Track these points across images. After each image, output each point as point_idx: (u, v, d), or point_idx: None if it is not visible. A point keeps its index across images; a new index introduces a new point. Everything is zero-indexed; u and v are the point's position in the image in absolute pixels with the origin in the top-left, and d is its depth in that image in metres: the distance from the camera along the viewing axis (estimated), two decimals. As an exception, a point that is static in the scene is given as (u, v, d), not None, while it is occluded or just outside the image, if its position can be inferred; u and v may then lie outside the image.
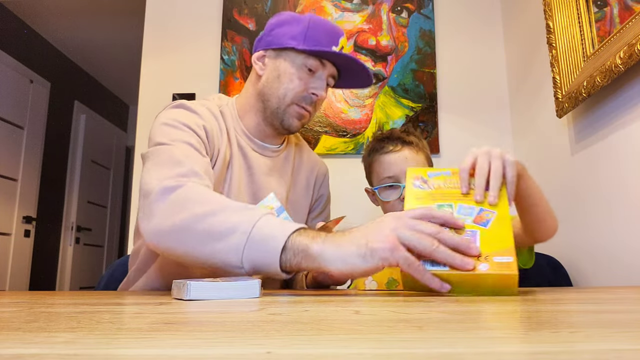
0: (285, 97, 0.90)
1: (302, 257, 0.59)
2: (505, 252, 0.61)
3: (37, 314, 0.40)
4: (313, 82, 0.90)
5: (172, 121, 0.82)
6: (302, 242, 0.59)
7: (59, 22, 3.13)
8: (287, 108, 0.90)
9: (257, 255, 0.60)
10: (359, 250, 0.57)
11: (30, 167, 3.07)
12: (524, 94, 1.60)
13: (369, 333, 0.29)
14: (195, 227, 0.64)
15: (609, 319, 0.35)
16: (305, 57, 0.89)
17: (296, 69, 0.89)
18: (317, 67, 0.90)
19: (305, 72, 0.89)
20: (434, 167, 0.71)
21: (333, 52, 0.88)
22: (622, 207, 1.04)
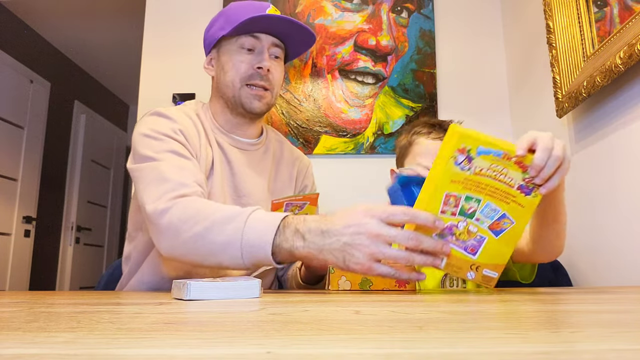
0: (234, 82, 0.92)
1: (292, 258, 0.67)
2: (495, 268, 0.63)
3: (37, 314, 0.40)
4: (254, 58, 0.91)
5: (150, 132, 0.86)
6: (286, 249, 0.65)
7: (59, 22, 3.12)
8: (241, 92, 0.92)
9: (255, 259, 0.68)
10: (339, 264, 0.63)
11: (30, 167, 3.07)
12: (524, 94, 1.60)
13: (369, 333, 0.29)
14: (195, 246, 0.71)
15: (609, 319, 0.35)
16: (238, 39, 0.91)
17: (234, 54, 0.91)
18: (253, 43, 0.91)
19: (244, 53, 0.91)
20: (487, 139, 0.66)
21: (255, 17, 0.86)
22: (622, 207, 1.04)
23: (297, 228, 0.65)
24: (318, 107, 1.72)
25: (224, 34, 0.90)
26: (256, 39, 0.91)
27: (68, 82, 3.58)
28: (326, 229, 0.63)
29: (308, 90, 1.73)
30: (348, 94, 1.73)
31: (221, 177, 0.92)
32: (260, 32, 0.91)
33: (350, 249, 0.61)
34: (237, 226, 0.68)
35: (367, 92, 1.73)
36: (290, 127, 1.71)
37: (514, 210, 0.63)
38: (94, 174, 3.82)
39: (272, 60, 0.93)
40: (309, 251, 0.64)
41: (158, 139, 0.85)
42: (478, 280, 0.65)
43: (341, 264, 0.62)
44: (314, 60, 1.75)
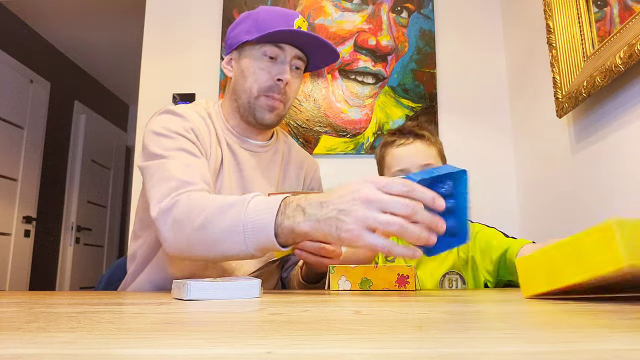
0: (252, 89, 0.90)
1: (295, 237, 0.65)
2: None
3: (37, 314, 0.40)
4: (275, 69, 0.90)
5: (162, 129, 0.85)
6: (288, 227, 0.64)
7: (59, 22, 3.12)
8: (256, 101, 0.91)
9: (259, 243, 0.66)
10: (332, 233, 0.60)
11: (30, 167, 3.07)
12: (524, 94, 1.60)
13: (369, 333, 0.29)
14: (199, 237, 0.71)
15: (609, 319, 0.35)
16: (262, 47, 0.89)
17: (256, 60, 0.90)
18: (276, 53, 0.89)
19: (266, 61, 0.90)
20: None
21: (283, 30, 0.86)
22: (622, 207, 1.04)
23: (298, 204, 0.64)
24: (318, 107, 1.72)
25: (249, 39, 0.89)
26: (280, 49, 0.89)
27: (68, 82, 3.58)
28: (325, 200, 0.62)
29: (308, 90, 1.73)
30: (348, 94, 1.73)
31: (229, 178, 0.92)
32: (285, 42, 0.89)
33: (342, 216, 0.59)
34: (238, 211, 0.67)
35: (367, 92, 1.73)
36: (290, 127, 1.71)
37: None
38: (94, 174, 3.82)
39: (292, 71, 0.92)
40: (309, 225, 0.62)
41: (169, 136, 0.84)
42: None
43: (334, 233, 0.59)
44: (314, 60, 1.75)
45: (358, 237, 0.58)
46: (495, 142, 1.71)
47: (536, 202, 1.51)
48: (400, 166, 1.01)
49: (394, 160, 1.03)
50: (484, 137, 1.72)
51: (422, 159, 1.01)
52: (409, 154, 1.02)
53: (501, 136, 1.71)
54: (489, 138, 1.71)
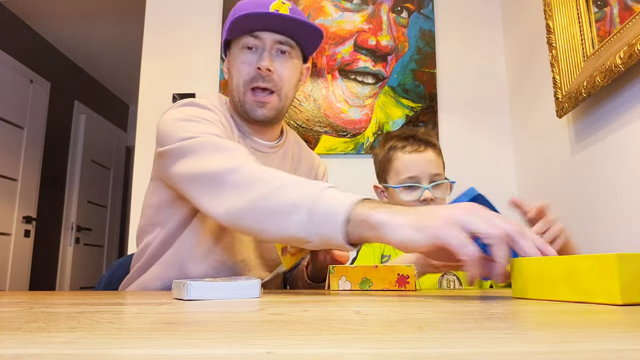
0: (238, 86, 0.87)
1: (364, 228, 0.57)
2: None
3: (37, 314, 0.40)
4: (254, 58, 0.85)
5: (189, 117, 0.81)
6: (363, 213, 0.57)
7: (59, 22, 3.13)
8: (244, 97, 0.87)
9: (322, 230, 0.60)
10: (413, 224, 0.54)
11: (30, 167, 3.07)
12: (524, 94, 1.60)
13: (369, 333, 0.29)
14: (262, 206, 0.65)
15: (609, 319, 0.35)
16: (240, 40, 0.86)
17: (238, 55, 0.87)
18: (253, 43, 0.85)
19: (246, 53, 0.86)
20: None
21: (248, 14, 0.81)
22: (622, 207, 1.04)
23: (379, 204, 0.59)
24: (318, 107, 1.72)
25: (227, 37, 0.88)
26: (256, 38, 0.85)
27: (68, 82, 3.58)
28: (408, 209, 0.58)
29: (308, 90, 1.73)
30: (348, 94, 1.73)
31: None
32: (260, 30, 0.85)
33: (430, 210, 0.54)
34: (312, 191, 0.62)
35: (367, 92, 1.73)
36: (290, 127, 1.71)
37: None
38: (94, 174, 3.82)
39: (277, 57, 0.87)
40: (387, 215, 0.55)
41: (199, 122, 0.80)
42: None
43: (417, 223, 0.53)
44: (313, 60, 1.75)
45: (446, 225, 0.51)
46: (495, 142, 1.71)
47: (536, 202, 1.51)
48: (411, 173, 1.01)
49: (404, 166, 1.02)
50: (484, 137, 1.72)
51: (433, 169, 1.02)
52: (421, 162, 1.02)
53: (501, 136, 1.71)
54: (489, 138, 1.71)
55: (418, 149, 1.03)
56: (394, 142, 1.06)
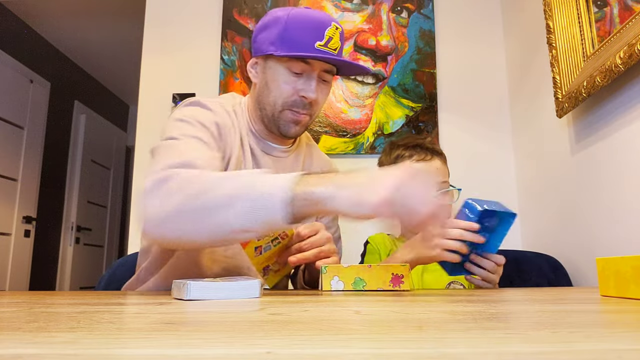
0: (275, 104, 0.86)
1: (308, 205, 0.59)
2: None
3: (37, 314, 0.40)
4: (301, 85, 0.85)
5: (185, 117, 0.82)
6: (304, 191, 0.59)
7: (59, 22, 3.12)
8: (280, 114, 0.87)
9: (265, 215, 0.59)
10: (353, 198, 0.58)
11: (30, 167, 3.07)
12: (524, 94, 1.60)
13: (369, 333, 0.29)
14: (190, 206, 0.63)
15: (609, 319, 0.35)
16: (287, 61, 0.84)
17: (281, 74, 0.85)
18: (303, 69, 0.84)
19: (292, 76, 0.85)
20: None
21: (314, 56, 0.81)
22: (622, 207, 1.04)
23: (318, 178, 0.60)
24: (318, 107, 1.72)
25: (274, 54, 0.83)
26: (307, 64, 0.83)
27: (68, 82, 3.58)
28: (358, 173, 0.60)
29: (308, 90, 1.73)
30: (348, 94, 1.73)
31: None
32: (315, 59, 0.83)
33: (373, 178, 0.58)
34: (246, 180, 0.62)
35: (367, 92, 1.73)
36: (290, 127, 1.71)
37: None
38: (94, 174, 3.82)
39: (320, 85, 0.87)
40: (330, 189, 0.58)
41: (190, 123, 0.81)
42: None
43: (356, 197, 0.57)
44: (314, 60, 1.75)
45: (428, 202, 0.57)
46: (495, 142, 1.71)
47: (536, 202, 1.51)
48: None
49: None
50: (484, 137, 1.72)
51: (440, 177, 1.04)
52: (429, 171, 1.04)
53: (501, 136, 1.71)
54: (489, 138, 1.71)
55: (425, 157, 1.05)
56: (401, 151, 1.08)
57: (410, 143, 1.09)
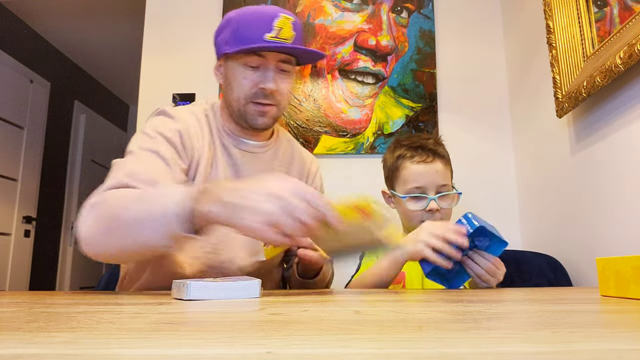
0: (239, 99, 0.90)
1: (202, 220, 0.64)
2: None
3: (37, 314, 0.40)
4: (259, 77, 0.88)
5: (149, 129, 0.87)
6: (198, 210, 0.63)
7: (59, 22, 3.12)
8: (245, 108, 0.90)
9: (169, 231, 0.65)
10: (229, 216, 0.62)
11: (30, 167, 3.07)
12: (524, 94, 1.60)
13: (369, 333, 0.29)
14: (114, 228, 0.70)
15: (609, 319, 0.35)
16: (243, 57, 0.88)
17: (239, 71, 0.89)
18: (258, 62, 0.88)
19: (249, 70, 0.88)
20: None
21: (260, 47, 0.85)
22: (622, 207, 1.04)
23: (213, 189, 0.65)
24: (318, 107, 1.72)
25: (229, 52, 0.87)
26: (262, 57, 0.87)
27: (68, 82, 3.58)
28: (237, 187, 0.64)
29: (308, 90, 1.73)
30: (348, 94, 1.73)
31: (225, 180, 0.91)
32: (268, 50, 0.87)
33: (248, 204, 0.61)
34: (153, 199, 0.68)
35: (367, 92, 1.73)
36: (290, 127, 1.71)
37: None
38: (94, 174, 3.82)
39: (279, 75, 0.90)
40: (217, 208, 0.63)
41: (150, 136, 0.85)
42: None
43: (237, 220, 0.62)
44: (314, 60, 1.75)
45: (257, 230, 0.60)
46: (495, 142, 1.71)
47: (536, 202, 1.51)
48: (418, 183, 1.03)
49: (411, 176, 1.04)
50: (484, 137, 1.72)
51: (440, 180, 1.03)
52: (429, 173, 1.03)
53: (501, 136, 1.71)
54: (489, 138, 1.71)
55: (426, 159, 1.04)
56: (404, 150, 1.07)
57: (413, 143, 1.08)
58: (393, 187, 1.10)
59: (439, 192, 1.03)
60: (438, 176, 1.03)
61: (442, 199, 1.04)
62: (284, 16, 0.87)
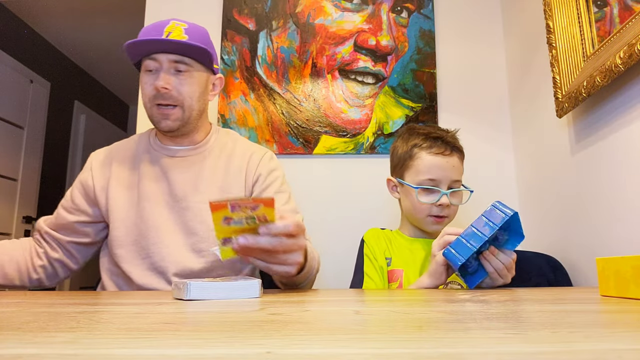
0: (146, 104, 0.98)
1: None
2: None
3: (37, 314, 0.40)
4: (154, 79, 0.96)
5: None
6: None
7: (59, 22, 3.12)
8: (152, 112, 0.98)
9: None
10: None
11: (30, 167, 3.07)
12: (524, 94, 1.60)
13: (369, 333, 0.29)
14: None
15: (609, 319, 0.35)
16: (142, 63, 0.98)
17: (142, 77, 0.98)
18: (152, 65, 0.96)
19: (147, 75, 0.97)
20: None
21: (131, 42, 0.91)
22: (622, 207, 1.04)
23: None
24: (318, 107, 1.72)
25: (132, 61, 0.99)
26: (154, 60, 0.95)
27: (68, 82, 3.58)
28: None
29: (308, 90, 1.73)
30: (348, 94, 1.73)
31: (157, 189, 1.00)
32: (156, 52, 0.94)
33: None
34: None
35: (367, 92, 1.73)
36: (290, 127, 1.71)
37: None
38: (94, 174, 3.82)
39: (175, 75, 0.96)
40: None
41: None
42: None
43: None
44: (313, 60, 1.75)
45: None
46: (495, 142, 1.71)
47: (536, 202, 1.51)
48: (433, 176, 1.00)
49: (425, 167, 1.01)
50: (484, 137, 1.72)
51: (455, 175, 1.01)
52: (445, 167, 1.00)
53: (501, 136, 1.71)
54: (489, 138, 1.71)
55: (444, 152, 1.01)
56: (420, 140, 1.03)
57: (431, 133, 1.04)
58: (402, 176, 1.06)
59: (451, 187, 1.01)
60: (454, 171, 1.01)
61: (453, 195, 1.02)
62: (174, 22, 0.97)
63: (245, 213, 0.64)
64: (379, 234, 1.10)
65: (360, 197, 1.63)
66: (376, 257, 1.05)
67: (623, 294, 0.53)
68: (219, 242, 0.67)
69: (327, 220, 1.62)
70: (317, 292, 0.72)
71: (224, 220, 0.64)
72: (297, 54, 1.75)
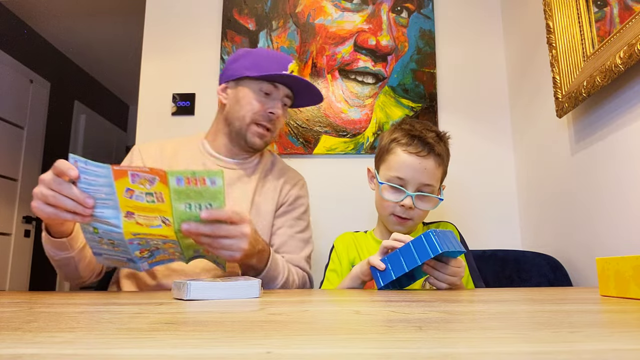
0: (245, 117, 1.03)
1: None
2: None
3: (37, 314, 0.40)
4: (269, 103, 1.04)
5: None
6: None
7: (59, 22, 3.12)
8: (248, 127, 1.04)
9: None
10: None
11: (30, 167, 3.07)
12: (524, 94, 1.60)
13: (369, 333, 0.29)
14: None
15: (609, 319, 0.35)
16: (259, 83, 1.03)
17: (253, 93, 1.04)
18: (271, 90, 1.04)
19: (262, 95, 1.04)
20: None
21: (281, 75, 1.01)
22: (622, 207, 1.04)
23: None
24: (318, 107, 1.72)
25: (250, 75, 1.02)
26: (275, 87, 1.04)
27: (68, 82, 3.58)
28: None
29: (308, 90, 1.73)
30: (348, 94, 1.73)
31: None
32: (279, 82, 1.04)
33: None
34: None
35: (367, 92, 1.72)
36: (290, 127, 1.71)
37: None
38: (94, 174, 3.82)
39: (282, 107, 1.06)
40: None
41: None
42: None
43: None
44: (314, 60, 1.75)
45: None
46: (495, 142, 1.71)
47: (536, 202, 1.51)
48: (401, 174, 0.97)
49: (397, 164, 0.98)
50: (484, 137, 1.72)
51: (426, 179, 0.97)
52: (416, 169, 0.96)
53: (501, 136, 1.71)
54: (489, 138, 1.71)
55: (420, 152, 0.96)
56: (400, 135, 1.00)
57: (412, 131, 1.00)
58: (378, 168, 1.05)
59: (419, 190, 0.97)
60: (425, 174, 0.96)
61: (420, 199, 0.98)
62: (295, 62, 1.08)
63: (145, 187, 0.65)
64: (349, 240, 1.09)
65: (360, 198, 1.63)
66: (341, 262, 1.05)
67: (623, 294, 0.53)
68: (123, 213, 0.68)
69: (327, 219, 1.62)
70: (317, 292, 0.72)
71: (127, 191, 0.67)
72: (297, 53, 1.75)
